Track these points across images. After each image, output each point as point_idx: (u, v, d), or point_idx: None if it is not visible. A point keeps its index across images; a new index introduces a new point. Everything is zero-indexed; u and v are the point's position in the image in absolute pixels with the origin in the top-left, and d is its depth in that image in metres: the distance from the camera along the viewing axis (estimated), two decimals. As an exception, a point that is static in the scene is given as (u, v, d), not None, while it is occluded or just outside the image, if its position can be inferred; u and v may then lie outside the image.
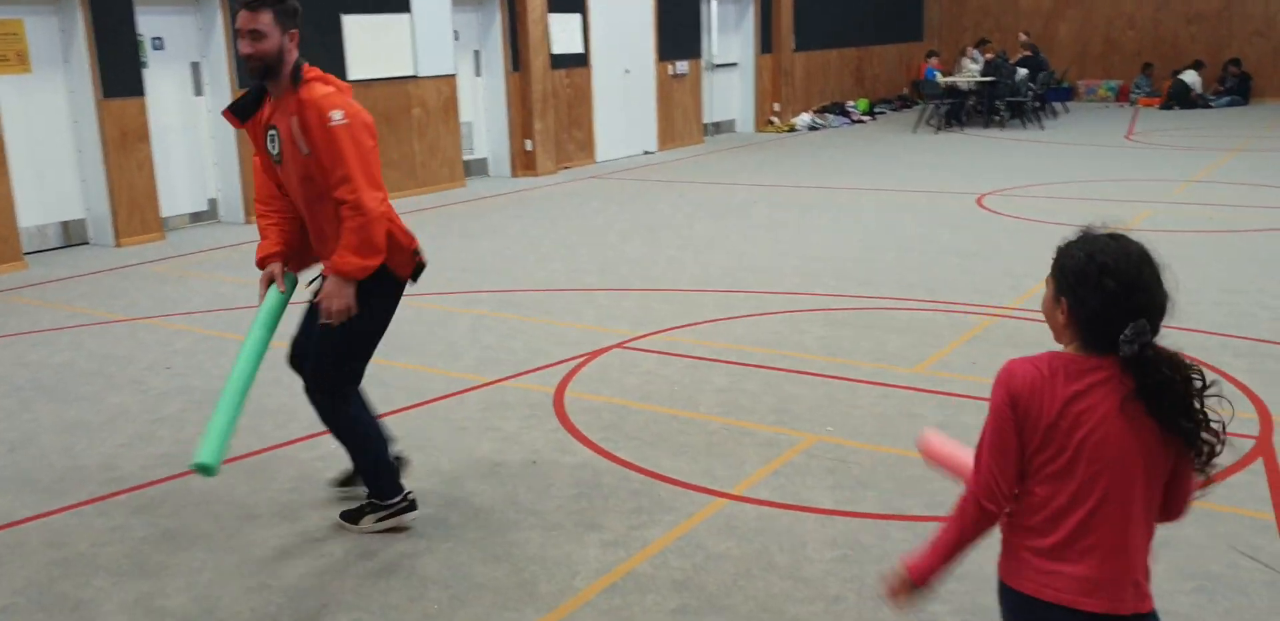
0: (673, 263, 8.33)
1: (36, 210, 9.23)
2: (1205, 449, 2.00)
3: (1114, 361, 1.99)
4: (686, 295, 7.32)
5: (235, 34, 3.79)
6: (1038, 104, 17.86)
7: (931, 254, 8.33)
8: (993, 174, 12.41)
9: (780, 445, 4.70)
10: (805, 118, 18.40)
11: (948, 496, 4.09)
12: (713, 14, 17.16)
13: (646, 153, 15.36)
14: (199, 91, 10.26)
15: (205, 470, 3.34)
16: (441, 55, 12.00)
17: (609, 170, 13.82)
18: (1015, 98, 17.20)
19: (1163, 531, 3.74)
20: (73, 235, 9.61)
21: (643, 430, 4.90)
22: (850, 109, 19.54)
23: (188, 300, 7.53)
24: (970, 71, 18.15)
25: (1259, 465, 4.39)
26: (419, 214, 10.85)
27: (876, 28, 20.98)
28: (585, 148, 14.26)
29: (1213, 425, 2.00)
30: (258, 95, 3.80)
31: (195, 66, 10.20)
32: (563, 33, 13.52)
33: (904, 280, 7.55)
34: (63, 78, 9.26)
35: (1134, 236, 2.08)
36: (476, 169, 13.27)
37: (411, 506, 3.93)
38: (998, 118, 17.40)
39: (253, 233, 4.67)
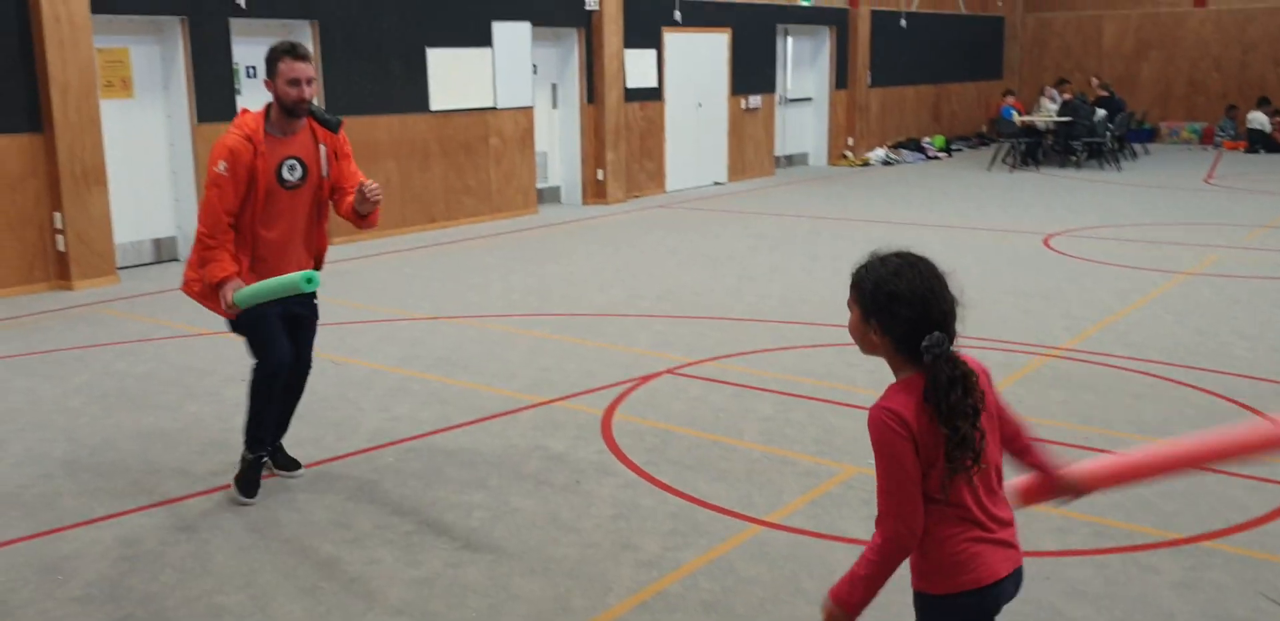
0: (730, 292, 8.50)
1: (131, 227, 9.72)
2: (967, 443, 2.21)
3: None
4: (741, 324, 7.49)
5: (290, 83, 4.31)
6: (1117, 145, 17.76)
7: (991, 292, 8.39)
8: (1063, 214, 12.39)
9: (820, 475, 4.83)
10: (879, 153, 18.50)
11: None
12: (788, 50, 17.39)
13: (716, 183, 15.58)
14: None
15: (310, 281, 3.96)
16: (520, 88, 12.38)
17: (678, 200, 14.06)
18: (1093, 138, 17.12)
19: (1190, 574, 3.82)
20: (164, 252, 10.09)
21: (685, 455, 5.06)
22: (925, 145, 19.59)
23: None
24: (1048, 111, 18.11)
25: (1297, 513, 4.41)
26: (491, 238, 11.20)
27: (955, 66, 21.03)
28: (655, 177, 14.53)
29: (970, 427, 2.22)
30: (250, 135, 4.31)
31: (285, 93, 10.67)
32: (638, 67, 13.85)
33: (971, 319, 7.61)
34: (162, 102, 9.78)
35: (918, 250, 2.35)
36: (549, 197, 13.61)
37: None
38: (1074, 158, 17.33)
39: (330, 253, 4.96)
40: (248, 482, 4.56)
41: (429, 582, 3.85)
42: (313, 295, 4.61)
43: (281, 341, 4.49)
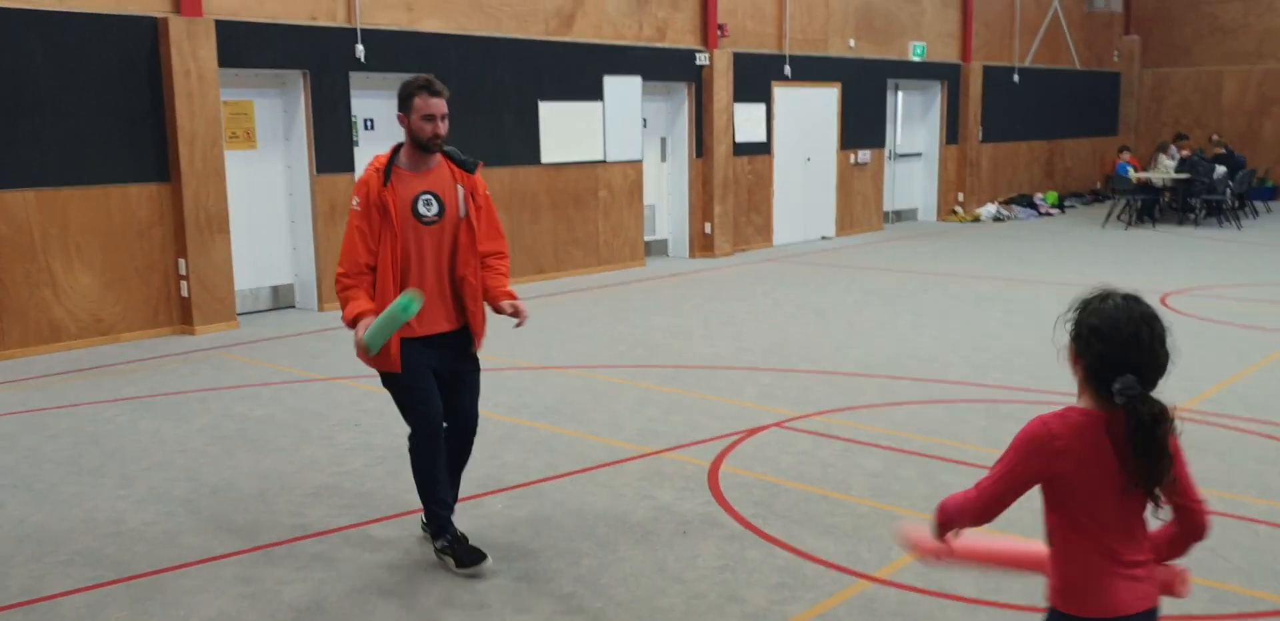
0: (838, 346, 8.42)
1: (251, 274, 10.06)
2: (1155, 480, 2.33)
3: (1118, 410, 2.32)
4: (848, 379, 7.40)
5: (425, 118, 4.28)
6: (1237, 203, 17.24)
7: (1107, 351, 8.15)
8: (1180, 273, 12.04)
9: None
10: (990, 208, 18.26)
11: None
12: (898, 105, 17.36)
13: (824, 238, 15.53)
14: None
15: (407, 307, 3.90)
16: (630, 141, 12.57)
17: (785, 254, 14.04)
18: (1212, 195, 16.66)
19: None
20: (281, 299, 10.42)
21: (792, 508, 4.99)
22: (1038, 201, 19.27)
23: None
24: (1165, 168, 17.70)
25: None
26: (599, 290, 11.31)
27: (1070, 121, 20.73)
28: (763, 231, 14.54)
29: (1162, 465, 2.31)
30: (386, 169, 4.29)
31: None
32: (747, 122, 13.95)
33: (1073, 376, 7.42)
34: (282, 153, 10.17)
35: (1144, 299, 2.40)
36: (657, 249, 13.72)
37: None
38: (1192, 215, 16.87)
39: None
40: (468, 555, 4.29)
41: (535, 629, 3.85)
42: (470, 344, 4.45)
43: (434, 402, 4.30)
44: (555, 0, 11.78)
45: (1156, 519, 2.44)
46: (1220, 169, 16.88)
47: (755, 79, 14.01)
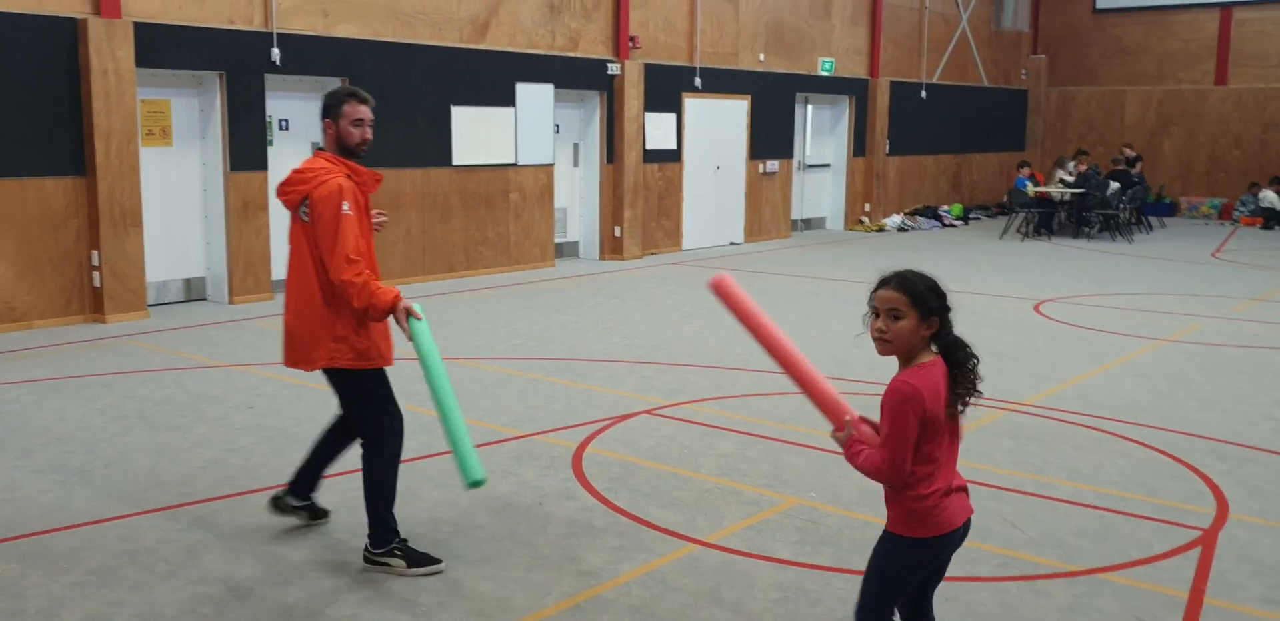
0: (723, 342, 8.96)
1: (163, 267, 10.38)
2: (970, 393, 2.96)
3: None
4: (725, 372, 7.94)
5: (354, 123, 4.40)
6: (1133, 218, 18.11)
7: (968, 351, 8.78)
8: (1061, 282, 12.78)
9: (762, 505, 5.25)
10: (895, 219, 19.00)
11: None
12: (808, 118, 18.04)
13: (732, 243, 16.12)
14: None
15: (479, 484, 3.79)
16: (541, 146, 13.07)
17: (692, 258, 14.61)
18: (1105, 210, 17.53)
19: (1079, 600, 4.20)
20: (193, 291, 10.74)
21: (644, 484, 5.50)
22: (943, 213, 20.06)
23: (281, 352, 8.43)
24: (1061, 181, 18.57)
25: (1196, 552, 4.77)
26: (506, 288, 11.75)
27: (977, 136, 21.59)
28: (672, 236, 15.10)
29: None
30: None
31: (315, 146, 11.39)
32: (657, 130, 14.52)
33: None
34: (198, 151, 10.51)
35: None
36: (568, 251, 14.21)
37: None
38: (1087, 229, 17.73)
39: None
40: (420, 559, 4.40)
41: (389, 580, 4.30)
42: None
43: (398, 408, 4.46)
44: (470, 9, 12.24)
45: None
46: (1114, 184, 17.77)
47: (666, 89, 14.58)
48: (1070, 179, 18.48)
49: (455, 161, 12.22)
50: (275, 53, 10.53)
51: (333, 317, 4.33)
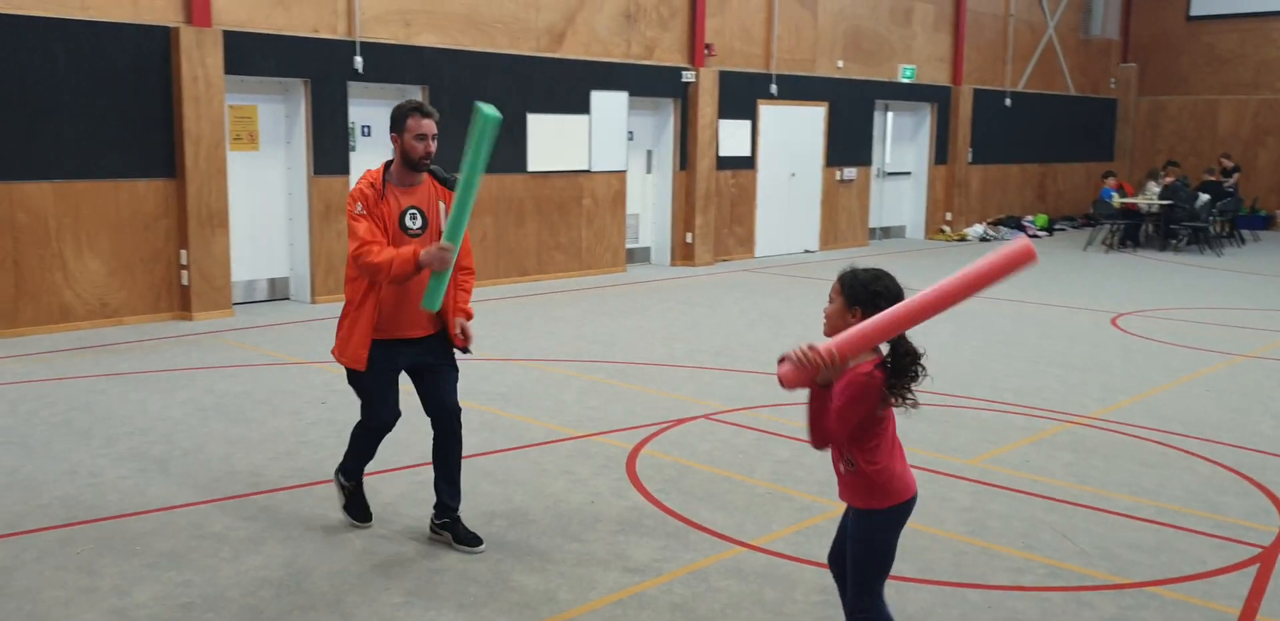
0: (786, 349, 8.98)
1: (248, 267, 10.74)
2: (907, 395, 3.22)
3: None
4: (786, 380, 7.97)
5: (418, 137, 4.58)
6: (1226, 231, 17.65)
7: (1038, 363, 8.70)
8: (1143, 295, 12.55)
9: (813, 510, 5.30)
10: (977, 228, 18.79)
11: (940, 565, 4.63)
12: (888, 124, 17.94)
13: (807, 251, 16.10)
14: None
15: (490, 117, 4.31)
16: (614, 153, 13.23)
17: (765, 265, 14.63)
18: (1194, 223, 17.13)
19: (1124, 613, 4.17)
20: (277, 290, 11.09)
21: (696, 487, 5.58)
22: (1027, 223, 19.78)
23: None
24: (1152, 193, 18.19)
25: (1253, 570, 4.70)
26: (576, 293, 11.92)
27: (1064, 146, 21.25)
28: (745, 243, 15.14)
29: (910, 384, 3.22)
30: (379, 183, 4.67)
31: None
32: (732, 137, 14.59)
33: (997, 384, 7.98)
34: (283, 155, 10.87)
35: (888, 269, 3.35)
36: (640, 257, 14.35)
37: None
38: (1174, 242, 17.35)
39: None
40: (357, 509, 4.89)
41: (441, 572, 4.46)
42: (449, 344, 4.76)
43: (390, 404, 4.72)
44: (547, 19, 12.46)
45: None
46: (1204, 196, 17.36)
47: (741, 96, 14.64)
48: (1158, 190, 18.09)
49: (530, 168, 12.44)
50: (358, 61, 10.84)
51: (342, 313, 4.72)
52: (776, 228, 15.59)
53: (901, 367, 3.19)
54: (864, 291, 3.22)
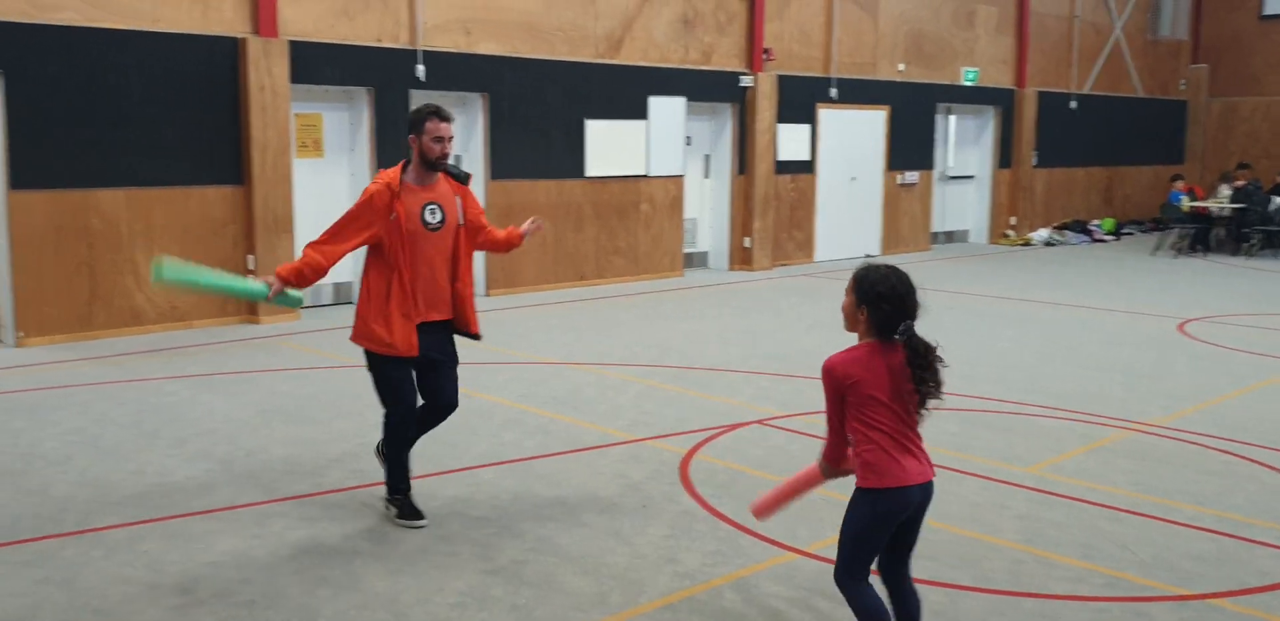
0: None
1: (313, 271, 10.93)
2: (932, 391, 3.41)
3: (892, 343, 3.41)
4: (842, 386, 7.94)
5: (435, 139, 4.92)
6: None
7: (1101, 370, 8.58)
8: (1212, 301, 12.30)
9: (866, 517, 5.28)
10: (1042, 233, 18.54)
11: (996, 573, 4.60)
12: (950, 128, 17.78)
13: (868, 255, 16.00)
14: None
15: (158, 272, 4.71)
16: (672, 158, 13.28)
17: (825, 270, 14.57)
18: (1267, 226, 16.74)
19: None
20: (341, 295, 11.29)
21: (749, 491, 5.58)
22: (1093, 227, 19.47)
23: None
24: (1223, 196, 17.81)
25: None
26: (634, 297, 11.98)
27: (1132, 148, 20.88)
28: (804, 247, 15.09)
29: (938, 379, 3.41)
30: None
31: (458, 158, 11.85)
32: (791, 141, 14.55)
33: (1058, 391, 7.88)
34: (347, 162, 11.07)
35: (902, 267, 3.48)
36: (697, 261, 14.37)
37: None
38: (1246, 246, 16.97)
39: (483, 303, 5.79)
40: (410, 512, 5.06)
41: (495, 573, 4.52)
42: (451, 342, 5.13)
43: (410, 389, 4.97)
44: (606, 26, 12.54)
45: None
46: (1277, 200, 16.96)
47: (800, 100, 14.60)
48: (1229, 193, 17.71)
49: (588, 173, 12.53)
50: (420, 69, 11.01)
51: (363, 303, 4.99)
52: (836, 232, 15.52)
53: (924, 362, 3.37)
54: (870, 292, 3.39)
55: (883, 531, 3.45)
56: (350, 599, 4.27)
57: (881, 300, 3.36)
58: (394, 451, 5.11)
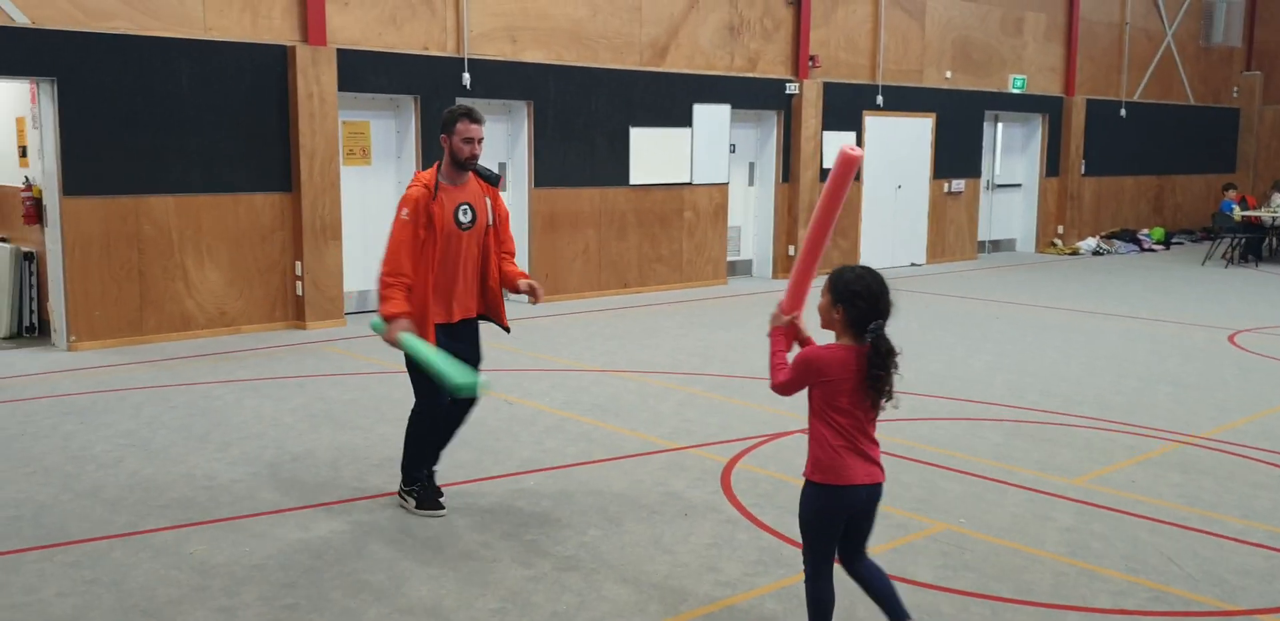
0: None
1: (360, 278, 11.03)
2: (884, 392, 3.57)
3: (864, 345, 3.56)
4: (886, 395, 7.89)
5: (465, 140, 5.07)
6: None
7: (1149, 381, 8.46)
8: (1264, 312, 12.10)
9: (909, 528, 5.25)
10: (1090, 242, 18.33)
11: (1039, 585, 4.55)
12: (998, 136, 17.63)
13: (913, 264, 15.90)
14: (503, 187, 11.98)
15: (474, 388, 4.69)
16: (716, 165, 13.27)
17: (869, 279, 14.47)
18: (1321, 235, 16.46)
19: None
20: (385, 300, 11.38)
21: (791, 501, 5.52)
22: (1142, 237, 19.22)
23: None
24: (1276, 205, 17.51)
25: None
26: (677, 305, 11.98)
27: (1183, 157, 20.59)
28: (849, 256, 15.01)
29: (890, 379, 3.57)
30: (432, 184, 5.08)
31: (502, 166, 11.93)
32: (836, 149, 14.47)
33: (1106, 402, 7.78)
34: (394, 169, 11.17)
35: (876, 269, 3.63)
36: (741, 269, 14.35)
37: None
38: (1300, 255, 16.69)
39: (517, 309, 5.85)
40: (429, 500, 5.25)
41: (536, 580, 4.54)
42: (477, 341, 5.30)
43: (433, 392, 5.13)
44: (651, 33, 12.58)
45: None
46: (1332, 209, 16.67)
47: (846, 108, 14.55)
48: (1281, 201, 17.43)
49: (632, 181, 12.56)
50: (466, 77, 11.10)
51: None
52: (882, 240, 15.43)
53: (882, 363, 3.51)
54: (845, 290, 3.56)
55: (830, 525, 3.67)
56: (393, 603, 4.31)
57: (857, 298, 3.53)
58: (415, 441, 5.26)
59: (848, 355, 3.56)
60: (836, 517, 3.65)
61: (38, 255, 9.90)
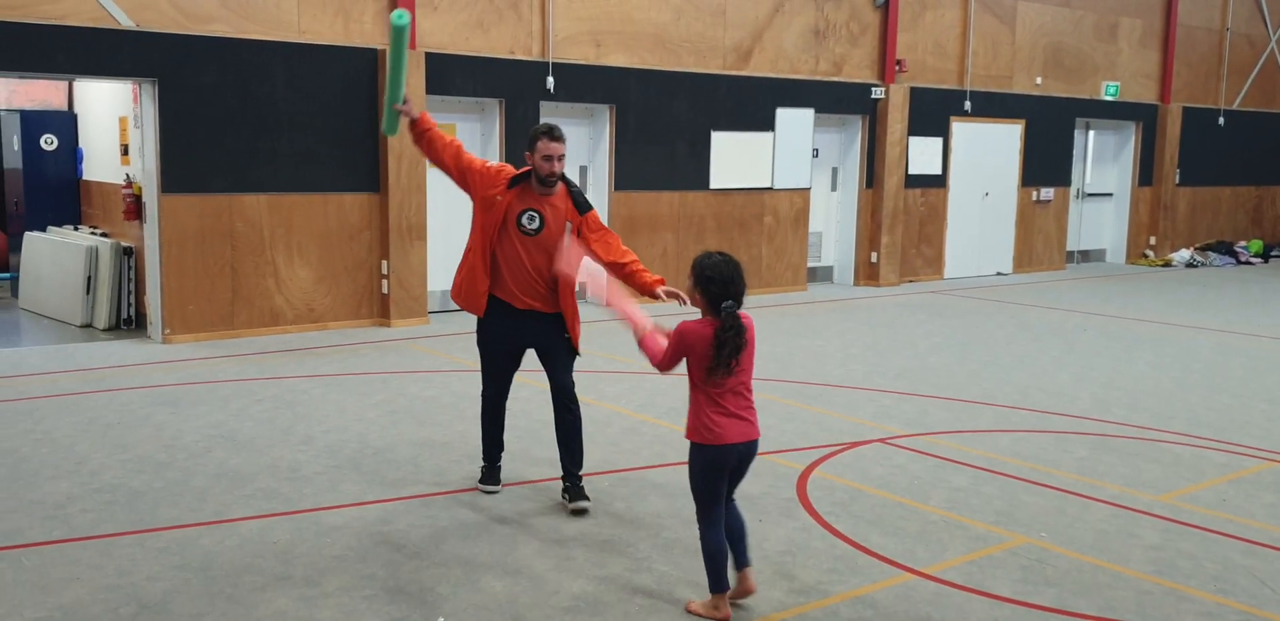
0: (970, 376, 8.77)
1: (445, 277, 11.15)
2: (725, 359, 4.05)
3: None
4: (967, 405, 7.79)
5: (545, 158, 5.23)
6: None
7: (1243, 397, 8.22)
8: (1365, 327, 11.67)
9: (989, 540, 5.16)
10: (1184, 254, 17.86)
11: (1122, 603, 4.44)
12: (1089, 143, 17.26)
13: (999, 274, 15.64)
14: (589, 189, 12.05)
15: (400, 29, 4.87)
16: (798, 170, 13.20)
17: (954, 287, 14.29)
18: None
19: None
20: (467, 300, 11.52)
21: (867, 511, 5.52)
22: (1239, 249, 18.66)
23: (538, 361, 8.96)
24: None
25: None
26: (756, 310, 11.86)
27: (1284, 167, 19.97)
28: (933, 264, 14.82)
29: (731, 349, 4.04)
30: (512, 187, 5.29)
31: (583, 169, 12.00)
32: (922, 155, 14.32)
33: (1197, 418, 7.57)
34: (479, 172, 11.28)
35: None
36: (822, 275, 14.24)
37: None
38: (1407, 269, 16.06)
39: (593, 312, 5.96)
40: (486, 478, 5.65)
41: (609, 580, 4.56)
42: (561, 326, 5.40)
43: (500, 377, 5.54)
44: (734, 37, 12.56)
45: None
46: None
47: (933, 113, 14.37)
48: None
49: (712, 185, 12.55)
50: (550, 81, 11.20)
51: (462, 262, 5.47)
52: (967, 249, 15.21)
53: (726, 335, 4.00)
54: (702, 275, 4.07)
55: (712, 479, 4.16)
56: (469, 598, 4.36)
57: (710, 283, 4.05)
58: (483, 423, 5.66)
59: (708, 330, 4.05)
60: (719, 473, 4.15)
61: (136, 250, 10.23)
